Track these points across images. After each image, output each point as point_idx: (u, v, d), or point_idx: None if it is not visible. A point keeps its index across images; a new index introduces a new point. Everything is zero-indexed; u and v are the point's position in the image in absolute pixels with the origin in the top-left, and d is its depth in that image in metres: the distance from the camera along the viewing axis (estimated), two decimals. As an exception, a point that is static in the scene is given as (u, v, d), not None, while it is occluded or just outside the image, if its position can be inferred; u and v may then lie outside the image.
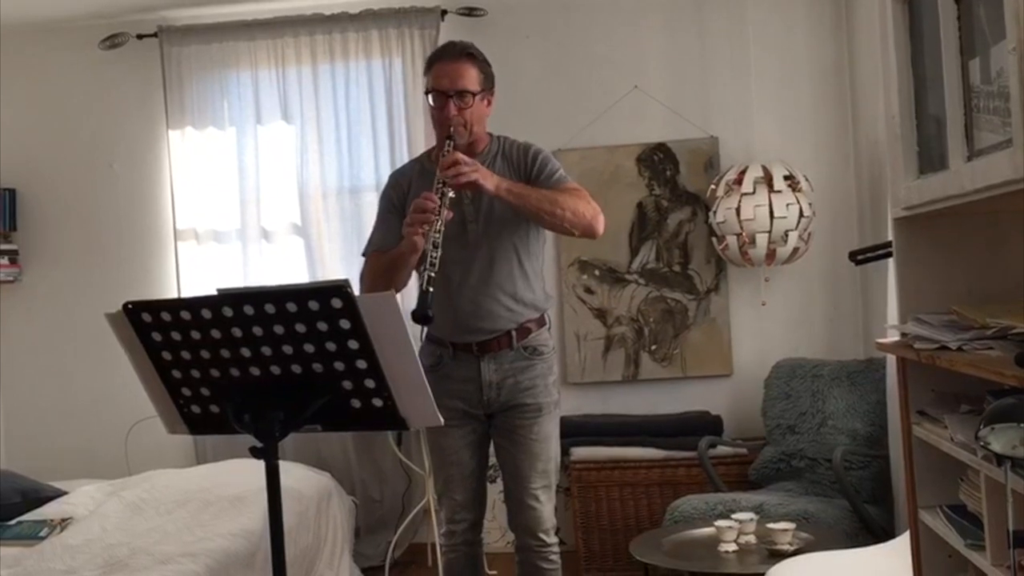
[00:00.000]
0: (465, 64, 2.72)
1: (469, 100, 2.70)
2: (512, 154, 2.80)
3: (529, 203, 2.64)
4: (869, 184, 4.16)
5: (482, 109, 2.76)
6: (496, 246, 2.73)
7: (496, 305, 2.72)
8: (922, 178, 1.93)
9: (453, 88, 2.70)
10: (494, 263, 2.73)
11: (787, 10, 4.38)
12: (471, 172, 2.54)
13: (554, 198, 2.66)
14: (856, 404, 3.78)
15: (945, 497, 2.00)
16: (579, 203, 2.67)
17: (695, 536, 3.27)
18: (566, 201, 2.66)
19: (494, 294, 2.72)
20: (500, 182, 2.61)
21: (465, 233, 2.72)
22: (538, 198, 2.65)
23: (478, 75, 2.73)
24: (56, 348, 4.71)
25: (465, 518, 2.84)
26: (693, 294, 4.39)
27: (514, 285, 2.74)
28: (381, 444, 4.40)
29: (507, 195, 2.62)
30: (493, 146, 2.81)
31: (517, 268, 2.76)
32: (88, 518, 3.56)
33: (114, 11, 4.53)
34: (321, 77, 4.51)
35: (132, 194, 4.70)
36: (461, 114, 2.70)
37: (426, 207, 2.50)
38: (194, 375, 1.91)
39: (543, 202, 2.64)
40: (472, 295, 2.72)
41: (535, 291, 2.80)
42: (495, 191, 2.60)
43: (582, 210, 2.66)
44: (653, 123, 4.40)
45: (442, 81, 2.71)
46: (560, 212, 2.64)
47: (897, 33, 1.99)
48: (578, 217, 2.66)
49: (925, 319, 1.94)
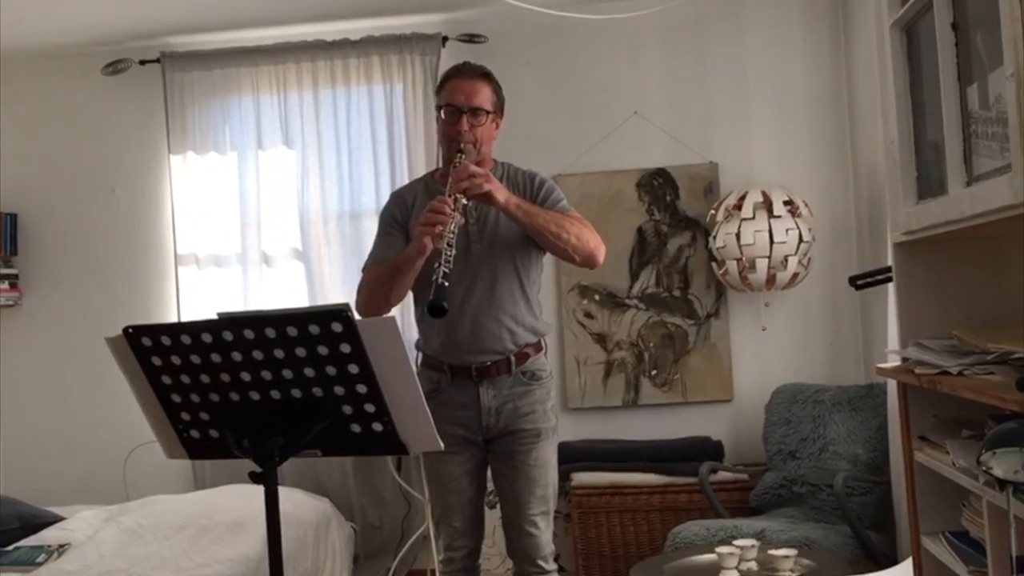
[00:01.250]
0: (481, 83, 2.77)
1: (483, 118, 2.73)
2: (517, 179, 2.82)
3: (537, 222, 2.65)
4: (868, 209, 4.17)
5: (491, 131, 2.79)
6: (499, 267, 2.73)
7: (497, 326, 2.72)
8: (921, 203, 1.94)
9: (468, 104, 2.72)
10: (496, 284, 2.73)
11: (785, 36, 4.41)
12: (485, 182, 2.56)
13: (561, 221, 2.69)
14: (857, 429, 3.77)
15: (947, 523, 2.00)
16: (584, 231, 2.71)
17: (696, 562, 3.24)
18: (572, 226, 2.69)
19: (496, 315, 2.72)
20: (510, 196, 2.63)
21: (469, 253, 2.72)
22: (546, 218, 2.67)
23: (492, 96, 2.77)
24: (56, 372, 4.70)
25: (464, 545, 2.82)
26: (693, 319, 4.39)
27: (515, 307, 2.75)
28: (380, 470, 4.38)
29: (516, 210, 2.63)
30: (498, 171, 2.82)
31: (519, 291, 2.76)
32: (86, 544, 3.54)
33: (117, 37, 4.56)
34: (322, 102, 4.53)
35: (133, 218, 4.71)
36: (473, 131, 2.72)
37: (442, 209, 2.52)
38: (194, 399, 1.91)
39: (550, 223, 2.66)
40: (474, 314, 2.72)
41: (535, 315, 2.80)
42: (505, 204, 2.61)
43: (586, 237, 2.69)
44: (653, 148, 4.42)
45: (457, 97, 2.74)
46: (566, 236, 2.67)
47: (895, 59, 2.01)
48: (582, 243, 2.68)
49: (926, 344, 1.94)
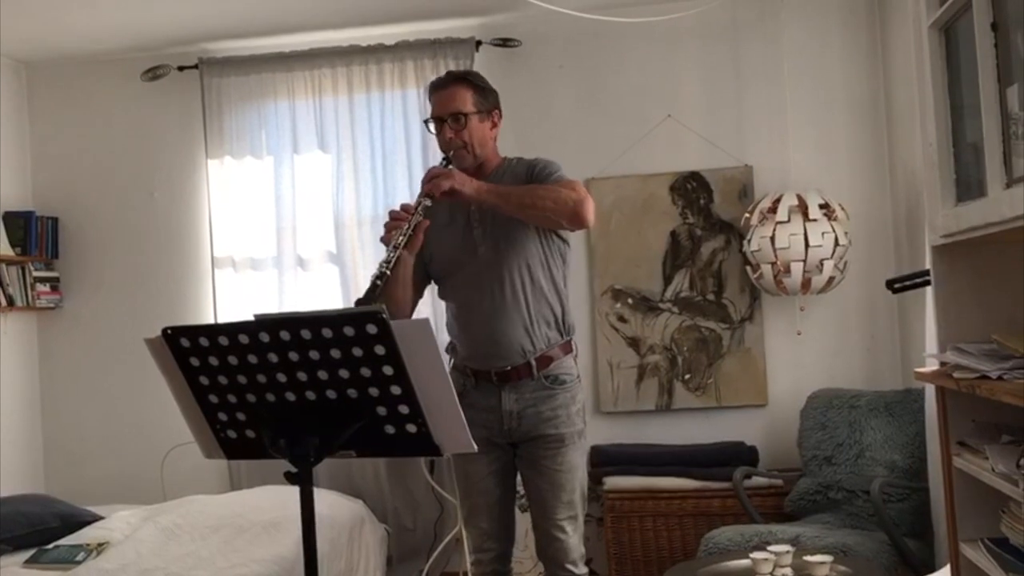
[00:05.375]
0: (457, 88, 2.75)
1: (463, 121, 2.72)
2: (518, 169, 2.81)
3: (511, 200, 2.62)
4: (906, 212, 4.13)
5: (483, 130, 2.77)
6: (508, 269, 2.71)
7: (512, 329, 2.70)
8: (960, 205, 1.91)
9: (446, 112, 2.74)
10: (506, 286, 2.71)
11: (822, 37, 4.38)
12: (445, 181, 2.57)
13: (534, 190, 2.65)
14: (894, 435, 3.72)
15: (987, 530, 1.97)
16: (561, 191, 2.63)
17: (730, 568, 3.22)
18: (547, 191, 2.63)
19: (508, 317, 2.71)
20: (480, 186, 2.62)
21: (476, 258, 2.73)
22: (519, 193, 2.64)
23: (472, 96, 2.75)
24: (96, 374, 4.78)
25: (492, 547, 2.83)
26: (727, 323, 4.36)
27: (530, 309, 2.72)
28: (414, 472, 4.40)
29: (488, 196, 2.62)
30: (503, 167, 2.82)
31: (532, 292, 2.73)
32: (124, 543, 3.59)
33: (156, 44, 4.64)
34: (357, 107, 4.57)
35: (171, 222, 4.77)
36: (459, 136, 2.73)
37: (399, 215, 2.58)
38: (231, 400, 1.93)
39: (524, 196, 2.63)
40: (486, 319, 2.72)
41: (555, 315, 2.77)
42: (475, 195, 2.61)
43: (563, 197, 2.61)
44: (687, 152, 4.40)
45: (435, 108, 2.76)
46: (540, 202, 2.61)
47: (934, 60, 1.99)
48: (559, 204, 2.61)
49: (965, 348, 1.92)
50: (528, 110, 4.39)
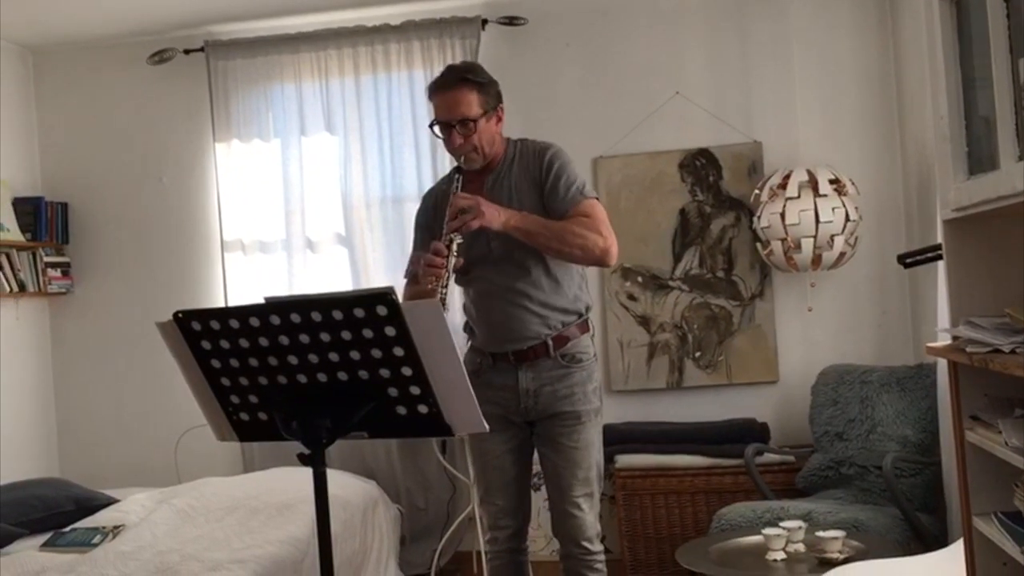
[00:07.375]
0: (461, 91, 2.69)
1: (471, 127, 2.69)
2: (528, 158, 2.78)
3: (537, 241, 2.65)
4: (917, 186, 4.10)
5: (491, 129, 2.74)
6: (521, 256, 2.72)
7: (526, 313, 2.72)
8: (972, 179, 1.90)
9: (452, 118, 2.69)
10: (520, 272, 2.72)
11: (831, 11, 4.34)
12: (473, 220, 2.56)
13: (562, 234, 2.64)
14: (906, 410, 3.72)
15: (1000, 504, 1.96)
16: (589, 236, 2.64)
17: (742, 544, 3.23)
18: (575, 237, 2.64)
19: (523, 303, 2.72)
20: (508, 219, 2.62)
21: (490, 248, 2.73)
22: (547, 236, 2.64)
23: (478, 98, 2.70)
24: (108, 358, 4.80)
25: (508, 525, 2.85)
26: (737, 300, 4.35)
27: (543, 293, 2.73)
28: (426, 452, 4.42)
29: (515, 232, 2.63)
30: (509, 151, 2.80)
31: (544, 276, 2.74)
32: (139, 525, 3.62)
33: (161, 27, 4.63)
34: (364, 88, 4.55)
35: (180, 206, 4.78)
36: (468, 141, 2.70)
37: (434, 262, 2.55)
38: (242, 382, 1.94)
39: (551, 240, 2.64)
40: (502, 306, 2.73)
41: (568, 295, 2.77)
42: (503, 229, 2.62)
43: (591, 244, 2.64)
44: (695, 129, 4.38)
45: (441, 112, 2.72)
46: (568, 250, 2.65)
47: (944, 33, 1.96)
48: (587, 252, 2.65)
49: (977, 322, 1.91)
50: (535, 88, 4.37)
